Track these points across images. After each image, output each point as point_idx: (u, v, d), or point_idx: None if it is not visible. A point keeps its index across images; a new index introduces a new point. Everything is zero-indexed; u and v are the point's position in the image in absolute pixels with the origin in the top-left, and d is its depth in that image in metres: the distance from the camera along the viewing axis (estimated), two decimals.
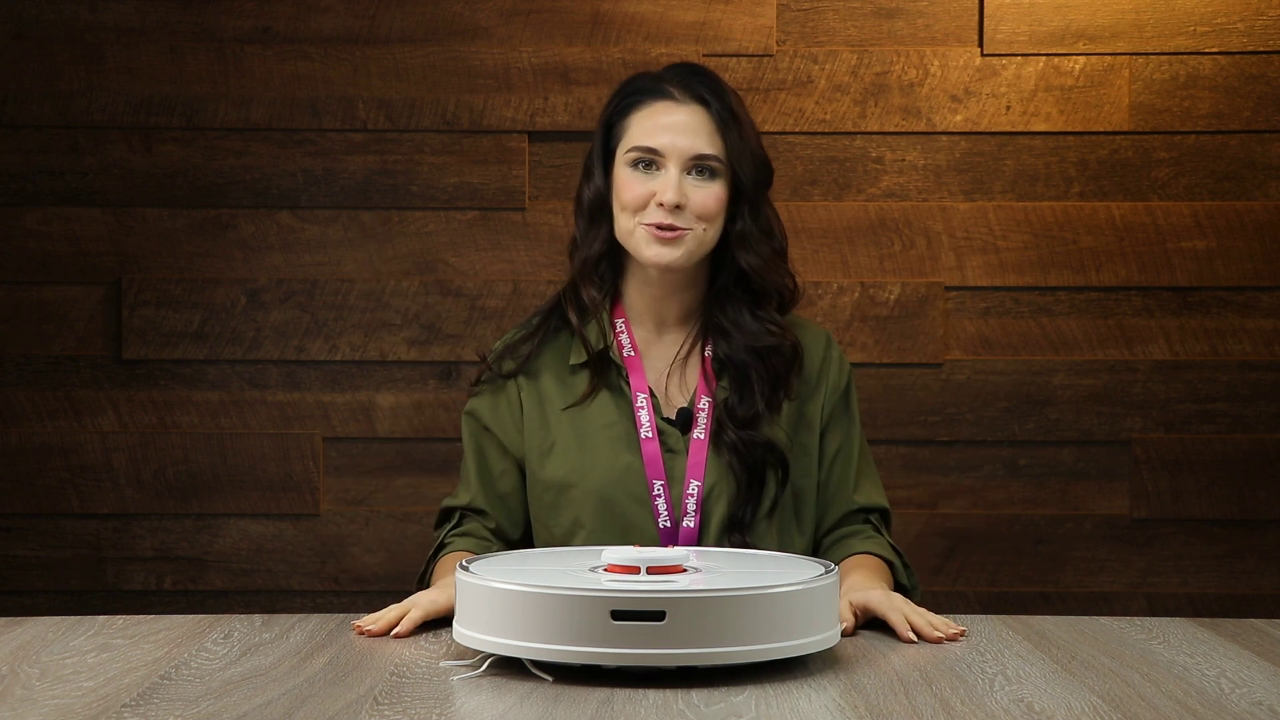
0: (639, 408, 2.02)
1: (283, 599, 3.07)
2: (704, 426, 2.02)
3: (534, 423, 2.07)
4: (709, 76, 2.06)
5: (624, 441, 2.02)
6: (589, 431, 2.04)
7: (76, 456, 3.07)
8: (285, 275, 3.07)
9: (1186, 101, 3.05)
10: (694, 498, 1.99)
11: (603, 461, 2.02)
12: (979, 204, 3.07)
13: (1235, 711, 1.47)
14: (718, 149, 2.01)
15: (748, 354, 2.04)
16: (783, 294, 2.08)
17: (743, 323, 2.05)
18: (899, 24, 3.06)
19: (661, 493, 1.99)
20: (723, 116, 2.02)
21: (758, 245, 2.04)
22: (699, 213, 2.00)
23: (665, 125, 2.01)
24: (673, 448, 2.03)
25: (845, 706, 1.47)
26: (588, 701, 1.48)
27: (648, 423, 2.02)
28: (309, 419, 3.07)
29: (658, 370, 2.08)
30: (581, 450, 2.03)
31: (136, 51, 3.05)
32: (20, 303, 3.07)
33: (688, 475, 2.00)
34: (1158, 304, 3.07)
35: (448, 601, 1.79)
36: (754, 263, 2.03)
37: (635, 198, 2.00)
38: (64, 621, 1.85)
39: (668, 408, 2.06)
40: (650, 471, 2.00)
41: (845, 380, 2.12)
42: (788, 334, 2.05)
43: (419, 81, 3.06)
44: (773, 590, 1.55)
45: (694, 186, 2.00)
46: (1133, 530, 3.07)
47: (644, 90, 2.05)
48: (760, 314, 2.05)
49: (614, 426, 2.03)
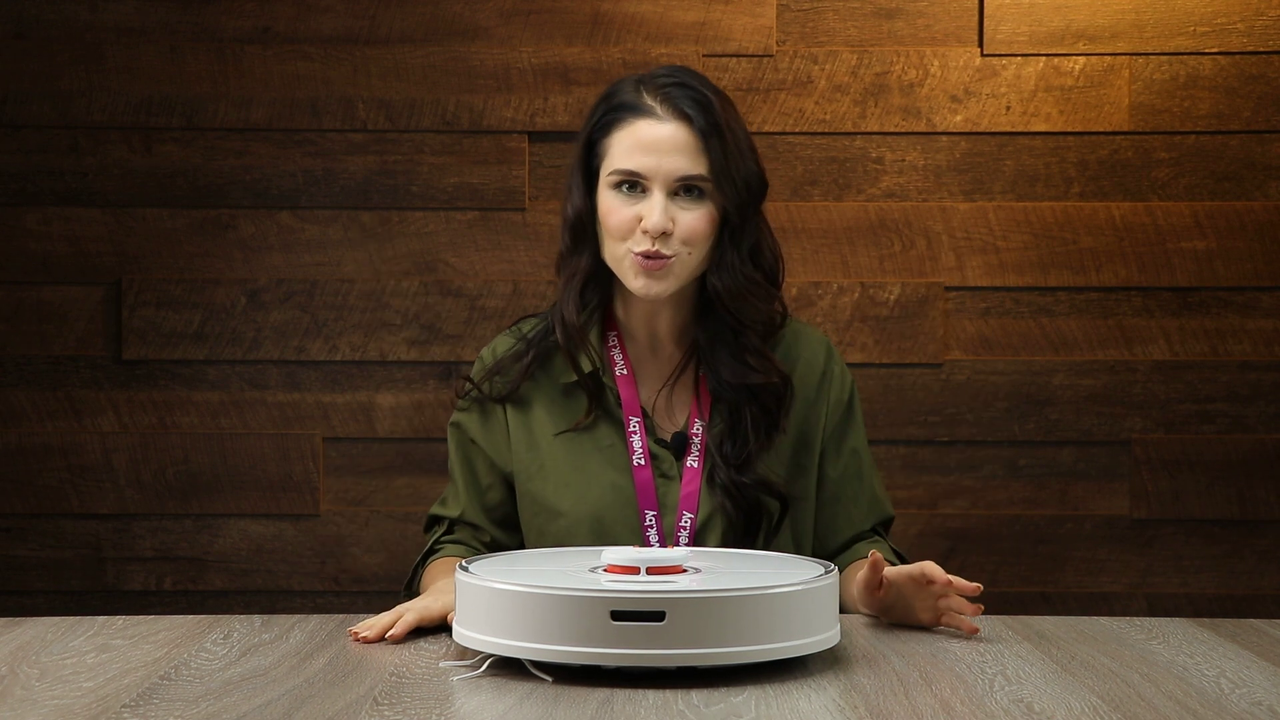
0: (631, 432, 1.97)
1: (283, 599, 3.07)
2: (697, 455, 1.97)
3: (521, 445, 2.02)
4: (693, 87, 1.94)
5: (616, 466, 1.98)
6: (582, 454, 1.99)
7: (76, 457, 3.07)
8: (285, 275, 3.07)
9: (1186, 102, 3.05)
10: (686, 531, 1.95)
11: (595, 487, 1.98)
12: (979, 204, 3.07)
13: (1235, 711, 1.47)
14: (703, 168, 1.91)
15: (738, 390, 1.97)
16: (766, 324, 1.99)
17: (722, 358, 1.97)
18: (899, 24, 3.07)
19: (654, 523, 1.95)
20: (706, 132, 1.91)
21: (734, 269, 1.94)
22: (684, 237, 1.91)
23: (648, 145, 1.91)
24: (666, 473, 1.98)
25: (845, 706, 1.47)
26: (588, 702, 1.48)
27: (640, 449, 1.96)
28: (309, 419, 3.07)
29: (651, 388, 2.02)
30: (574, 472, 1.99)
31: (136, 51, 3.05)
32: (20, 303, 3.07)
33: (680, 506, 1.96)
34: (1158, 304, 3.07)
35: (441, 609, 1.76)
36: (726, 287, 1.94)
37: (621, 223, 1.92)
38: (64, 622, 1.85)
39: (661, 430, 2.00)
40: (642, 500, 1.95)
41: (847, 394, 2.07)
42: (774, 369, 1.98)
43: (419, 81, 3.06)
44: (773, 590, 1.55)
45: (681, 209, 1.92)
46: (1133, 530, 3.07)
47: (624, 106, 1.95)
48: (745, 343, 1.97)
49: (607, 450, 1.99)
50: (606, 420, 2.00)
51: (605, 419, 2.00)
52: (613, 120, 1.96)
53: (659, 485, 1.97)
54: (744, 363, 1.96)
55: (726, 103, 1.97)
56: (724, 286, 1.94)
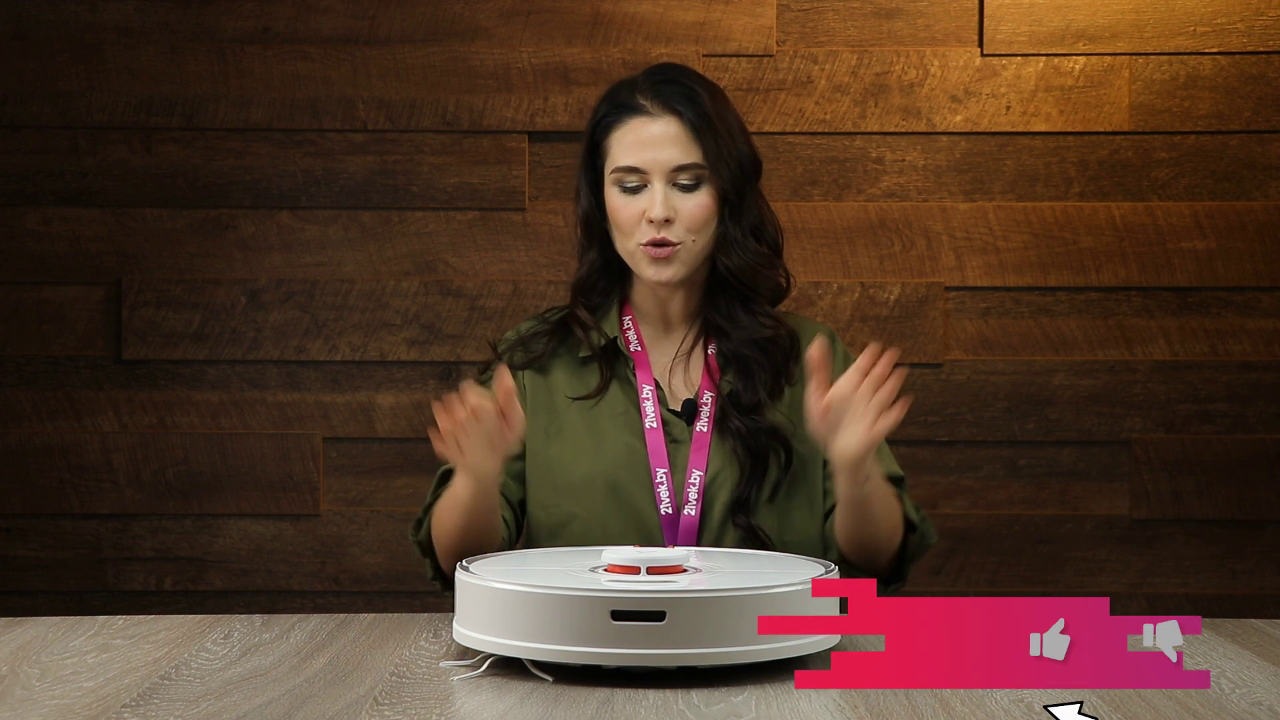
0: (644, 399, 2.08)
1: (283, 599, 3.07)
2: (707, 419, 2.07)
3: (540, 406, 2.10)
4: (682, 82, 2.07)
5: (631, 429, 2.07)
6: (598, 419, 2.08)
7: (76, 457, 3.07)
8: (285, 275, 3.07)
9: (1186, 102, 3.05)
10: (695, 487, 2.03)
11: (610, 447, 2.06)
12: (979, 204, 3.07)
13: (1235, 711, 1.47)
14: (696, 156, 2.04)
15: (748, 346, 2.08)
16: (774, 291, 2.12)
17: (737, 318, 2.09)
18: (899, 24, 3.06)
19: (664, 480, 2.04)
20: (696, 124, 2.04)
21: (740, 246, 2.07)
22: (688, 224, 2.04)
23: (644, 142, 2.05)
24: (677, 438, 2.07)
25: (845, 706, 1.47)
26: (588, 702, 1.48)
27: (652, 413, 2.07)
28: (309, 419, 3.07)
29: (662, 365, 2.13)
30: (590, 435, 2.08)
31: (136, 51, 3.05)
32: (20, 303, 3.07)
33: (690, 465, 2.04)
34: (1158, 304, 3.07)
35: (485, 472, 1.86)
36: (736, 264, 2.07)
37: (628, 219, 2.05)
38: (64, 621, 1.85)
39: (673, 400, 2.10)
40: (654, 459, 2.04)
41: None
42: (782, 325, 2.10)
43: (419, 81, 3.06)
44: (773, 590, 1.55)
45: (681, 198, 2.04)
46: (1133, 530, 3.07)
47: (620, 106, 2.08)
48: (753, 308, 2.09)
49: (622, 415, 2.08)
50: (623, 388, 2.10)
51: (620, 387, 2.11)
52: (611, 121, 2.09)
53: (670, 448, 2.06)
54: (755, 321, 2.09)
55: (715, 92, 2.09)
56: (733, 265, 2.07)
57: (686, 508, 2.02)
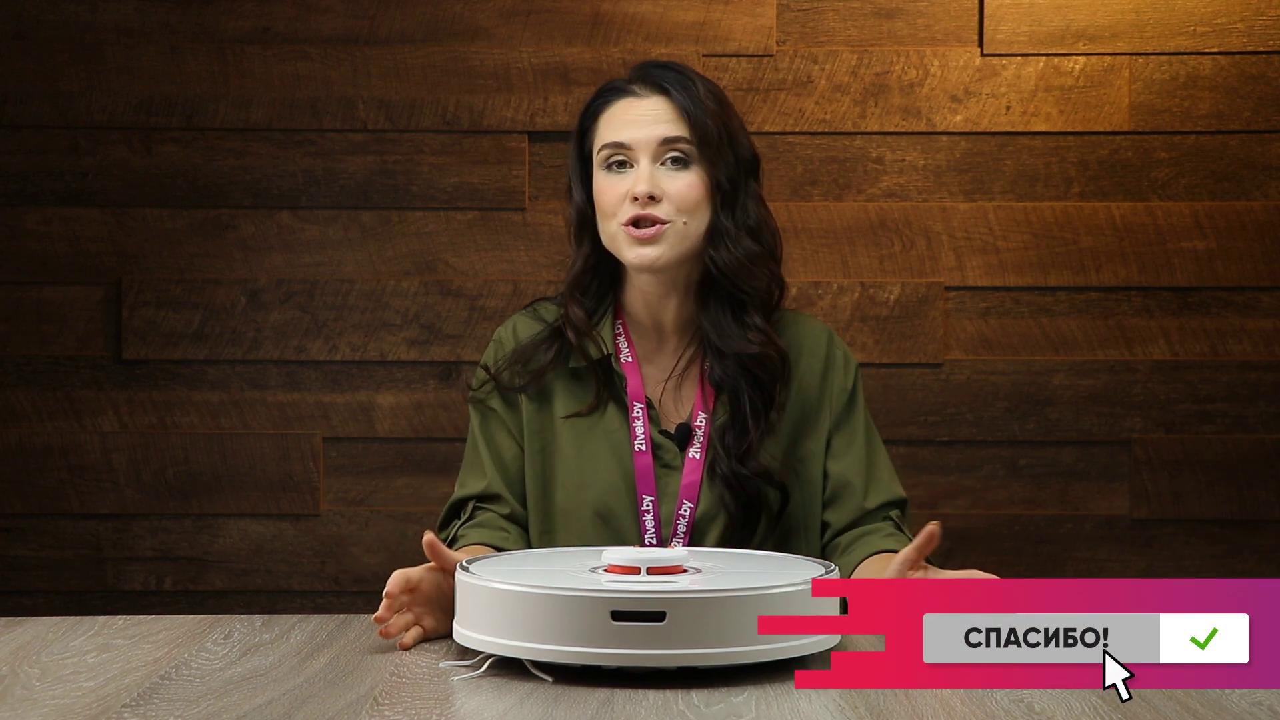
0: (634, 418, 2.00)
1: (283, 599, 3.07)
2: (700, 445, 1.99)
3: (534, 421, 2.04)
4: (674, 69, 2.02)
5: (621, 451, 2.00)
6: (592, 440, 2.02)
7: (76, 457, 3.07)
8: (285, 275, 3.07)
9: (1186, 102, 3.05)
10: (685, 519, 1.97)
11: (600, 472, 2.00)
12: (979, 204, 3.07)
13: (1235, 711, 1.47)
14: (684, 130, 1.96)
15: (739, 371, 1.98)
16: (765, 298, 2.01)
17: (725, 328, 1.99)
18: (899, 24, 3.07)
19: (650, 509, 1.97)
20: (684, 103, 1.97)
21: (733, 241, 1.97)
22: (678, 204, 1.95)
23: (631, 119, 1.98)
24: (669, 463, 2.00)
25: (845, 706, 1.47)
26: (588, 702, 1.48)
27: (642, 434, 1.99)
28: (309, 419, 3.07)
29: (656, 380, 2.04)
30: (580, 459, 2.01)
31: (136, 51, 3.05)
32: (20, 303, 3.07)
33: (680, 495, 1.98)
34: (1158, 304, 3.07)
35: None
36: (726, 261, 1.97)
37: (612, 199, 1.97)
38: (64, 621, 1.85)
39: (665, 420, 2.03)
40: (641, 486, 1.98)
41: (851, 380, 2.08)
42: (772, 341, 1.99)
43: (419, 81, 3.06)
44: (773, 590, 1.55)
45: (668, 176, 1.96)
46: (1133, 530, 3.07)
47: (609, 91, 2.04)
48: (743, 318, 1.99)
49: (613, 435, 2.01)
50: (613, 406, 2.02)
51: (612, 405, 2.02)
52: (599, 106, 2.04)
53: (660, 474, 1.99)
54: (743, 335, 1.98)
55: (709, 83, 2.03)
56: (723, 261, 1.97)
57: (674, 540, 1.97)
